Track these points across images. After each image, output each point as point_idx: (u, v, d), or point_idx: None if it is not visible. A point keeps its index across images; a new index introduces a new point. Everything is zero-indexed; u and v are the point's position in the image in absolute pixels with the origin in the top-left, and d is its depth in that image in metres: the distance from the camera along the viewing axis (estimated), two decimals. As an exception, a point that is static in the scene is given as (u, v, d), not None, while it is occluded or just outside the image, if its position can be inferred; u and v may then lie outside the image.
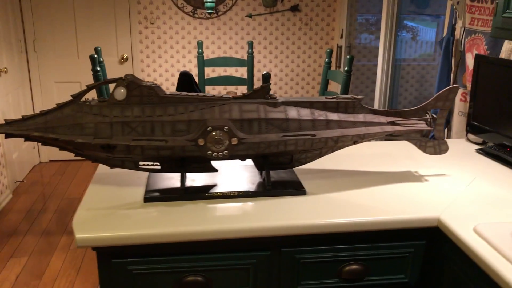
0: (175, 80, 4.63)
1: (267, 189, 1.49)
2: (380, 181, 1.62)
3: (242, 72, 4.67)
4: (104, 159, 1.47)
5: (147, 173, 1.64)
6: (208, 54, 4.59)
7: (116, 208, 1.40)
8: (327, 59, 3.45)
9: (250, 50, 4.01)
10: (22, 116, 1.42)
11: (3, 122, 1.41)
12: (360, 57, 4.94)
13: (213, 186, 1.52)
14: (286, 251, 1.37)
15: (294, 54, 4.74)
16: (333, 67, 4.74)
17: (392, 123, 1.57)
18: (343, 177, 1.65)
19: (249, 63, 4.01)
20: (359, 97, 1.55)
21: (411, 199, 1.48)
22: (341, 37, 4.59)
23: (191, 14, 4.49)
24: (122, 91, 1.42)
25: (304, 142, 1.48)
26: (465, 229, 1.30)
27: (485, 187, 1.59)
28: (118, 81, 1.42)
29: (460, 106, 2.41)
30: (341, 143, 1.54)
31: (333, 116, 1.52)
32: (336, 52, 4.64)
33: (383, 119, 1.57)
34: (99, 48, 3.26)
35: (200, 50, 3.93)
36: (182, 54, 4.59)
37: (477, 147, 2.00)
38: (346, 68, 3.06)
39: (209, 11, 3.06)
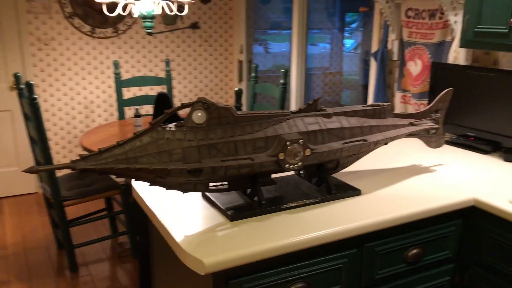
0: (75, 104, 4.35)
1: (333, 193, 1.61)
2: (403, 176, 1.86)
3: (146, 90, 4.59)
4: (178, 184, 1.44)
5: (191, 195, 1.63)
6: (109, 74, 4.42)
7: (210, 231, 1.39)
8: (253, 73, 3.63)
9: (167, 68, 4.01)
10: (99, 149, 1.33)
11: (79, 158, 1.31)
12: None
13: (280, 197, 1.59)
14: (368, 246, 1.52)
15: (196, 70, 4.81)
16: (234, 81, 4.95)
17: (411, 124, 1.83)
18: (372, 176, 1.85)
19: (168, 80, 4.00)
20: (387, 104, 1.78)
21: (439, 187, 1.75)
22: (241, 52, 4.81)
23: (89, 33, 4.27)
24: (200, 114, 1.42)
25: (355, 148, 1.65)
26: (502, 203, 1.60)
27: (481, 170, 1.94)
28: (195, 105, 1.41)
29: (401, 107, 2.81)
30: (378, 145, 1.74)
31: (373, 122, 1.72)
32: (238, 67, 4.84)
33: (405, 121, 1.82)
34: (19, 74, 2.97)
35: (116, 71, 3.80)
36: (82, 76, 4.33)
37: (440, 139, 2.38)
38: (281, 81, 3.28)
39: (148, 30, 3.00)
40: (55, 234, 3.33)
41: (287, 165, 1.49)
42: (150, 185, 1.42)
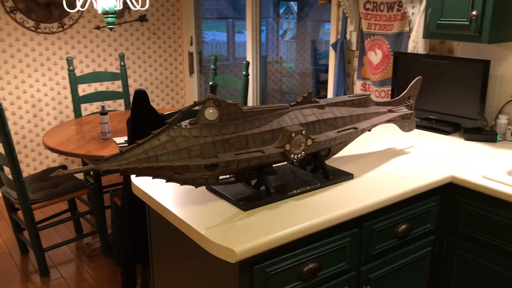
0: (21, 103, 4.17)
1: (330, 179, 1.73)
2: (384, 159, 2.02)
3: (95, 86, 4.49)
4: (193, 179, 1.49)
5: (186, 188, 1.68)
6: (57, 71, 4.28)
7: (229, 221, 1.46)
8: (212, 66, 3.67)
9: (122, 63, 3.95)
10: (120, 150, 1.35)
11: (102, 159, 1.33)
12: (209, 58, 5.24)
13: (283, 185, 1.69)
14: (366, 225, 1.66)
15: (146, 64, 4.76)
16: (184, 73, 4.95)
17: (390, 111, 1.98)
18: (357, 160, 1.99)
19: (123, 76, 3.95)
20: (369, 93, 1.92)
21: (418, 167, 1.92)
22: (191, 44, 4.81)
23: (33, 29, 4.10)
24: (212, 111, 1.48)
25: (347, 135, 1.78)
26: (476, 178, 1.80)
27: (448, 150, 2.15)
28: (207, 102, 1.47)
29: (361, 94, 2.98)
30: (363, 132, 1.88)
31: (359, 110, 1.85)
32: (189, 59, 4.85)
33: (384, 108, 1.97)
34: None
35: (71, 67, 3.70)
36: (28, 73, 4.16)
37: (404, 123, 2.57)
38: (244, 73, 3.36)
39: (110, 26, 2.95)
40: (18, 239, 3.22)
41: (292, 155, 1.59)
42: (166, 181, 1.46)
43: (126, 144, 2.78)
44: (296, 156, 1.61)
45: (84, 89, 4.39)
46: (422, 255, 1.91)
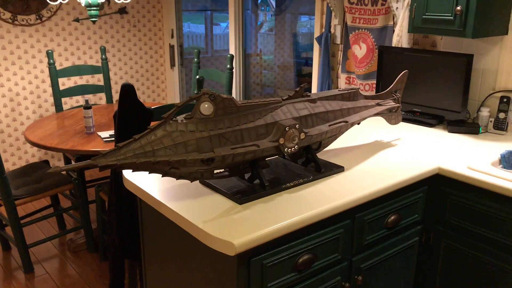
0: (-1, 96, 4.08)
1: (322, 172, 1.76)
2: (372, 151, 2.05)
3: (75, 79, 4.42)
4: (188, 174, 1.50)
5: (179, 182, 1.69)
6: (35, 64, 4.20)
7: (225, 215, 1.47)
8: (196, 59, 3.66)
9: (103, 56, 3.90)
10: (117, 145, 1.35)
11: (100, 155, 1.32)
12: (190, 50, 5.22)
13: (276, 179, 1.70)
14: (358, 216, 1.70)
15: (126, 57, 4.71)
16: (165, 66, 4.92)
17: (378, 104, 2.02)
18: (346, 153, 2.02)
19: (104, 69, 3.90)
20: (358, 87, 1.95)
21: (406, 159, 1.97)
22: (172, 36, 4.78)
23: (10, 21, 4.01)
24: (207, 105, 1.48)
25: (337, 129, 1.81)
26: (462, 169, 1.86)
27: (433, 142, 2.20)
28: (202, 97, 1.47)
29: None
30: (353, 125, 1.91)
31: (349, 104, 1.88)
32: (170, 52, 4.81)
33: (373, 102, 2.00)
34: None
35: (51, 60, 3.64)
36: (5, 67, 4.07)
37: (389, 116, 2.62)
38: (228, 66, 3.36)
39: (93, 19, 2.90)
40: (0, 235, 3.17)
41: (286, 148, 1.61)
42: (162, 176, 1.46)
43: (112, 138, 2.76)
44: (289, 149, 1.62)
45: (63, 82, 4.32)
46: (410, 244, 1.96)
